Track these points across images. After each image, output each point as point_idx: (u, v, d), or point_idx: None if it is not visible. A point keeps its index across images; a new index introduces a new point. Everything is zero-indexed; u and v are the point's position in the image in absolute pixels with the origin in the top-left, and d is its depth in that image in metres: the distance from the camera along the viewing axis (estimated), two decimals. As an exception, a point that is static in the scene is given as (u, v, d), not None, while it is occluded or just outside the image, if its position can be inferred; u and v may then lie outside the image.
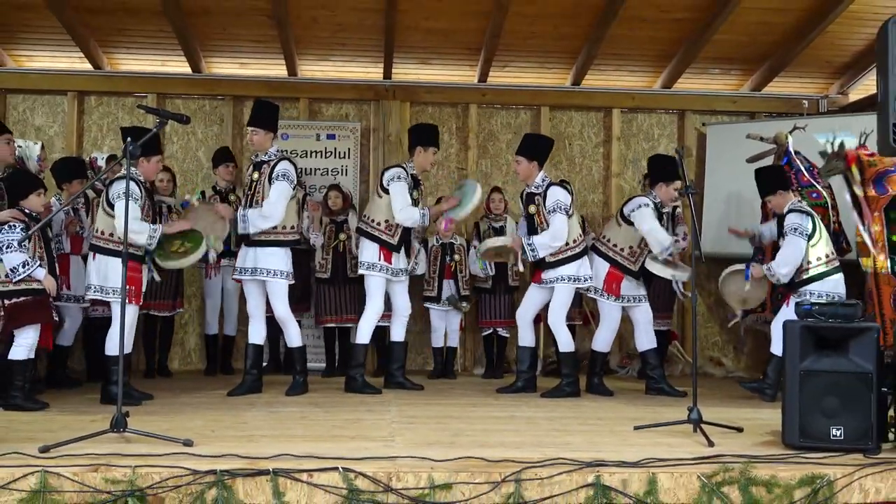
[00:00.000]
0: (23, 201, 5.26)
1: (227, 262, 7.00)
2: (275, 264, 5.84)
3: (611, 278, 6.18)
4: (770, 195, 6.08)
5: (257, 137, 5.85)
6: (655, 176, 6.32)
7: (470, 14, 7.05)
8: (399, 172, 6.14)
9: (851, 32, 7.26)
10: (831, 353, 4.15)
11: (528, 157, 6.15)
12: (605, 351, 6.38)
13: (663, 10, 7.01)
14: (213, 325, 7.20)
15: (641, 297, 6.29)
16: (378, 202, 6.19)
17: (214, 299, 7.13)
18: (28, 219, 5.22)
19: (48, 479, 3.40)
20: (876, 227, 5.98)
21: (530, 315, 6.31)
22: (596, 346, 6.32)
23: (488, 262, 6.81)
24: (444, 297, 7.05)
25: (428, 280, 7.07)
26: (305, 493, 3.47)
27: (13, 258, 5.05)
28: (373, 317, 6.18)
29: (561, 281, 6.07)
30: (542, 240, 6.03)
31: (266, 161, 5.88)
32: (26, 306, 5.09)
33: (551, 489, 3.55)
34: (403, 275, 6.29)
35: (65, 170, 6.26)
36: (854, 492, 3.67)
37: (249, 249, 5.88)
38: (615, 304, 6.22)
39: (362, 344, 6.18)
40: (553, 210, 6.00)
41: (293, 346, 6.03)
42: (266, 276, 5.83)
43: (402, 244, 6.20)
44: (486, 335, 7.34)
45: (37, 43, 7.51)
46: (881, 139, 4.27)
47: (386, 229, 6.13)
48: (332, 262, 7.03)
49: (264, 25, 7.15)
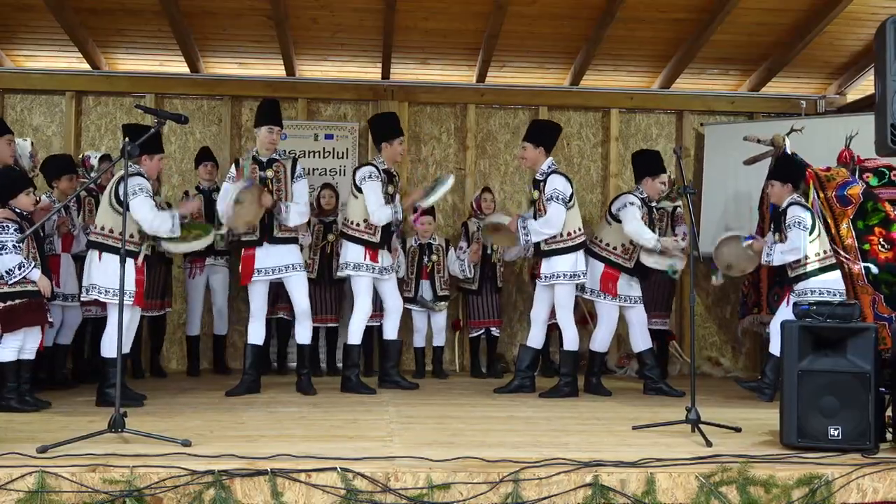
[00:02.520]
0: (12, 201, 5.18)
1: (213, 260, 7.01)
2: (296, 258, 5.95)
3: (606, 278, 6.18)
4: (778, 181, 6.05)
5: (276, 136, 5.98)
6: (640, 171, 6.32)
7: (468, 14, 7.05)
8: (370, 171, 6.10)
9: (849, 33, 7.27)
10: (829, 352, 4.15)
11: (534, 143, 6.12)
12: (604, 351, 6.38)
13: (662, 10, 7.02)
14: (196, 326, 7.13)
15: (637, 298, 6.29)
16: (354, 203, 6.17)
17: (197, 299, 7.08)
18: (20, 219, 5.17)
19: (46, 480, 3.40)
20: (847, 240, 6.01)
21: (544, 314, 6.28)
22: (594, 347, 6.32)
23: (489, 237, 6.66)
24: (418, 298, 7.05)
25: (406, 281, 7.05)
26: (304, 494, 3.47)
27: (8, 260, 4.99)
28: (362, 317, 6.18)
29: (558, 278, 6.06)
30: (535, 225, 6.01)
31: (278, 160, 5.96)
32: (22, 308, 5.04)
33: (549, 489, 3.55)
34: (389, 272, 6.27)
35: (54, 167, 6.21)
36: (852, 491, 3.67)
37: (271, 248, 5.88)
38: (613, 304, 6.22)
39: (353, 345, 6.19)
40: (550, 198, 5.97)
41: (307, 344, 6.07)
42: (291, 272, 5.90)
43: (384, 241, 6.18)
44: (474, 336, 7.34)
45: (35, 43, 7.50)
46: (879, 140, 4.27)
47: (366, 229, 6.11)
48: (318, 262, 7.03)
49: (263, 25, 7.15)
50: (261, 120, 5.98)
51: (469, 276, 7.11)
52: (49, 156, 6.61)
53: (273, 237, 5.89)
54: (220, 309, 7.18)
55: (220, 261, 7.06)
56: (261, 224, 5.86)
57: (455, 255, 7.15)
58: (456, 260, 7.12)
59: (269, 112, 5.98)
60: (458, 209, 8.00)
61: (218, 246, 6.18)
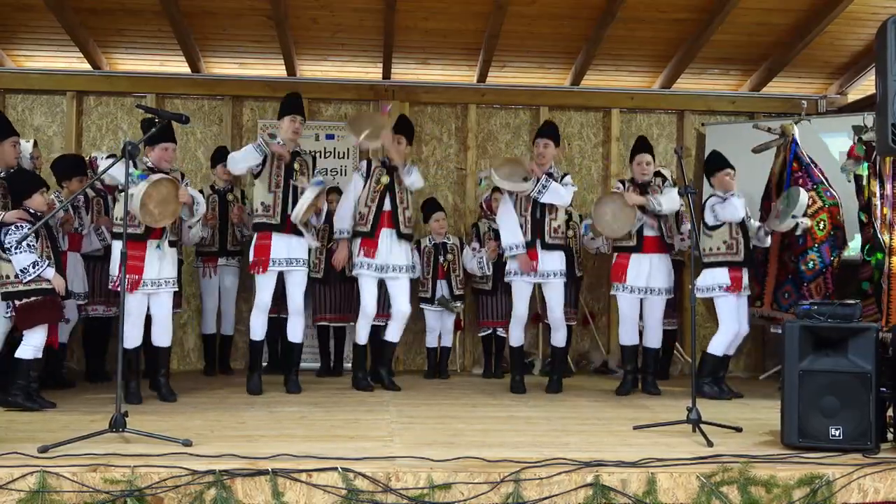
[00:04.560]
0: (27, 201, 5.22)
1: (225, 261, 7.01)
2: (305, 253, 5.96)
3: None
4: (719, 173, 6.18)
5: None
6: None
7: (469, 14, 7.05)
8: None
9: (850, 33, 7.27)
10: (830, 352, 4.15)
11: (555, 143, 6.23)
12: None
13: (662, 10, 7.02)
14: (212, 325, 7.18)
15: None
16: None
17: (213, 299, 7.11)
18: (34, 219, 5.18)
19: (47, 480, 3.39)
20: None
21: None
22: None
23: (500, 167, 6.23)
24: (436, 297, 7.05)
25: (422, 281, 7.05)
26: (304, 494, 3.47)
27: (23, 259, 5.02)
28: (362, 317, 6.19)
29: (555, 276, 6.11)
30: (558, 187, 6.03)
31: (300, 154, 6.00)
32: (37, 306, 5.07)
33: (550, 489, 3.55)
34: (399, 272, 6.20)
35: (64, 167, 6.26)
36: (853, 492, 3.67)
37: (286, 237, 5.85)
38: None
39: (358, 345, 6.23)
40: (567, 185, 6.10)
41: (299, 342, 6.07)
42: (297, 266, 5.89)
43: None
44: (485, 335, 7.34)
45: (36, 43, 7.51)
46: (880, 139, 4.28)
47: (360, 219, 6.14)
48: (325, 262, 7.04)
49: (263, 25, 7.15)
50: (283, 111, 5.96)
51: (488, 274, 7.09)
52: (60, 156, 6.66)
53: (292, 225, 5.86)
54: (228, 309, 7.20)
55: (231, 261, 7.07)
56: (282, 208, 5.82)
57: (470, 253, 7.12)
58: (473, 258, 7.06)
59: (292, 103, 5.97)
60: (458, 209, 8.00)
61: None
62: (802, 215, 6.21)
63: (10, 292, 5.08)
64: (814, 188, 6.57)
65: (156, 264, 5.46)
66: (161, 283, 5.50)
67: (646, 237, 6.20)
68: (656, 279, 6.22)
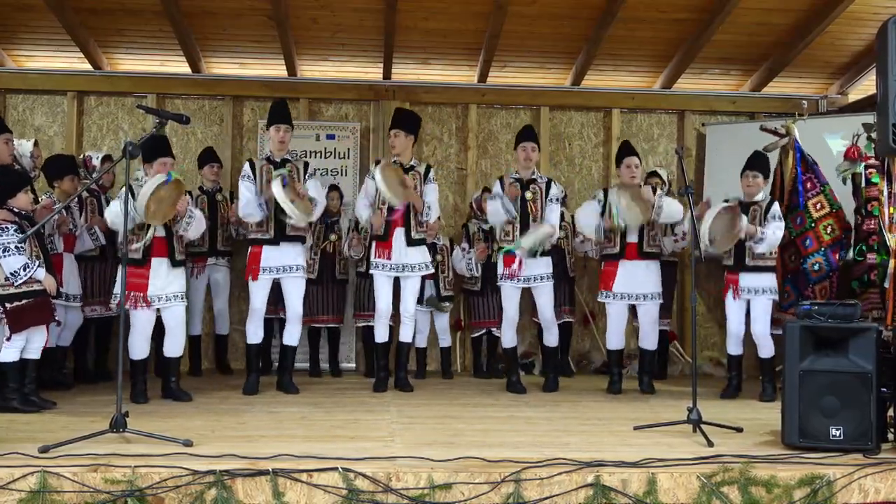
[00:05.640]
0: (11, 200, 5.15)
1: (214, 260, 7.00)
2: (300, 260, 6.00)
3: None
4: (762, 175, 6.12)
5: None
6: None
7: (469, 14, 7.05)
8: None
9: (851, 33, 7.27)
10: (831, 353, 4.15)
11: (539, 147, 6.41)
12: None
13: (662, 10, 7.02)
14: (197, 326, 7.10)
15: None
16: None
17: (198, 299, 7.05)
18: (18, 218, 5.14)
19: (48, 480, 3.40)
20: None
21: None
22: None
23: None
24: (425, 297, 7.04)
25: None
26: (305, 494, 3.48)
27: (13, 261, 4.96)
28: (377, 317, 6.21)
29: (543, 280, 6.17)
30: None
31: (290, 160, 6.00)
32: (27, 308, 5.03)
33: (551, 489, 3.55)
34: (413, 271, 6.17)
35: (55, 167, 6.21)
36: (854, 492, 3.67)
37: (279, 247, 5.88)
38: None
39: (377, 343, 6.26)
40: (554, 200, 6.20)
41: (294, 345, 6.07)
42: (292, 273, 5.92)
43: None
44: (476, 336, 7.34)
45: (36, 43, 7.51)
46: (881, 140, 4.27)
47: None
48: (319, 262, 7.02)
49: (264, 26, 7.15)
50: (269, 121, 6.03)
51: (476, 275, 7.10)
52: (51, 156, 6.61)
53: (286, 236, 5.89)
54: (221, 309, 7.19)
55: (221, 261, 7.06)
56: (275, 223, 5.86)
57: (460, 254, 7.13)
58: (462, 259, 7.08)
59: (276, 112, 6.02)
60: (459, 209, 8.00)
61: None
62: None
63: (1, 295, 5.00)
64: (821, 190, 6.56)
65: (162, 279, 5.49)
66: (171, 297, 5.54)
67: (629, 243, 6.20)
68: (644, 285, 6.23)
